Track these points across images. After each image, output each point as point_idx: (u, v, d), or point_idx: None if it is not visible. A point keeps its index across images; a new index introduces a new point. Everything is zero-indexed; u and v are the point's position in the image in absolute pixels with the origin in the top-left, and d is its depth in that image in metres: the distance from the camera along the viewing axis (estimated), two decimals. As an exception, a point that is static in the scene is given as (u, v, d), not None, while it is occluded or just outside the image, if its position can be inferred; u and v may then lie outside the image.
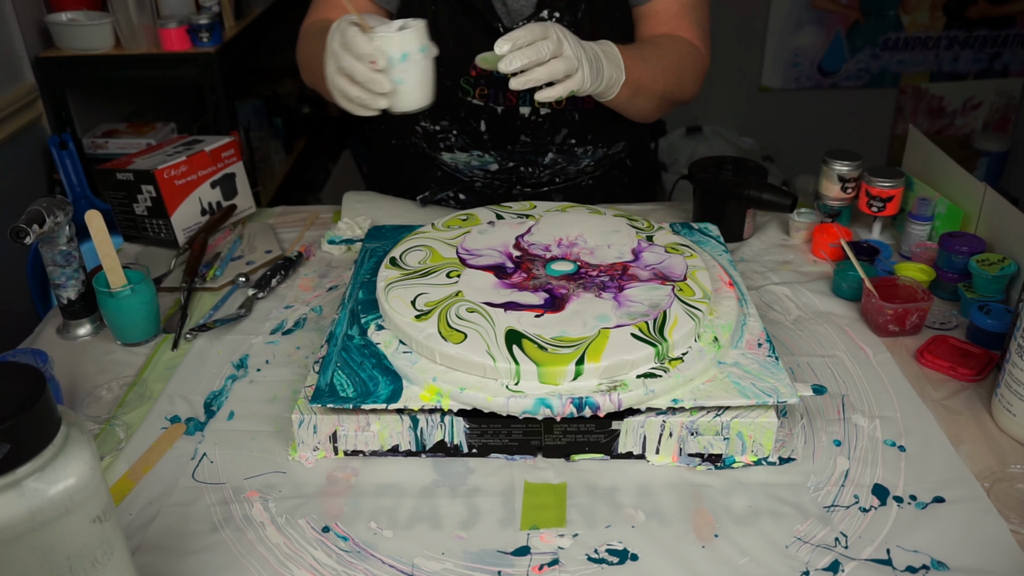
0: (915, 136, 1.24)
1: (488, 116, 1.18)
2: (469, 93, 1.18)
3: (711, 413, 0.79)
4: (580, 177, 1.29)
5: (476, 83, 1.17)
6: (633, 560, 0.70)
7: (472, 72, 1.16)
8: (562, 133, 1.20)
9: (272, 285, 1.11)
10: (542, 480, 0.79)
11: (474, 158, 1.23)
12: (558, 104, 1.15)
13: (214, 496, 0.78)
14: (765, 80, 3.08)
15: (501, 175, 1.25)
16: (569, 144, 1.21)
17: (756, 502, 0.76)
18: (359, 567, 0.70)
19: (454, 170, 1.27)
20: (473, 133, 1.19)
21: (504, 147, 1.21)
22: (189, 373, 0.95)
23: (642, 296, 0.87)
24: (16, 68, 1.95)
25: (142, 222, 1.23)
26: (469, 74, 1.17)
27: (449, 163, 1.25)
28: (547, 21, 1.00)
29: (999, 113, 3.14)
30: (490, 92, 1.17)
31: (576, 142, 1.21)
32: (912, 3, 2.96)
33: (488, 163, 1.23)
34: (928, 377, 0.92)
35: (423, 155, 1.28)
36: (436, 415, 0.79)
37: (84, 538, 0.52)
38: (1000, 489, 0.76)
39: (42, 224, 0.93)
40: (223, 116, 2.08)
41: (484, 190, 1.29)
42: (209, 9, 2.07)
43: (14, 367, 0.51)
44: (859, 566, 0.69)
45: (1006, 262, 1.00)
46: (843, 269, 1.07)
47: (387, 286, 0.90)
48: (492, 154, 1.22)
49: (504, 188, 1.28)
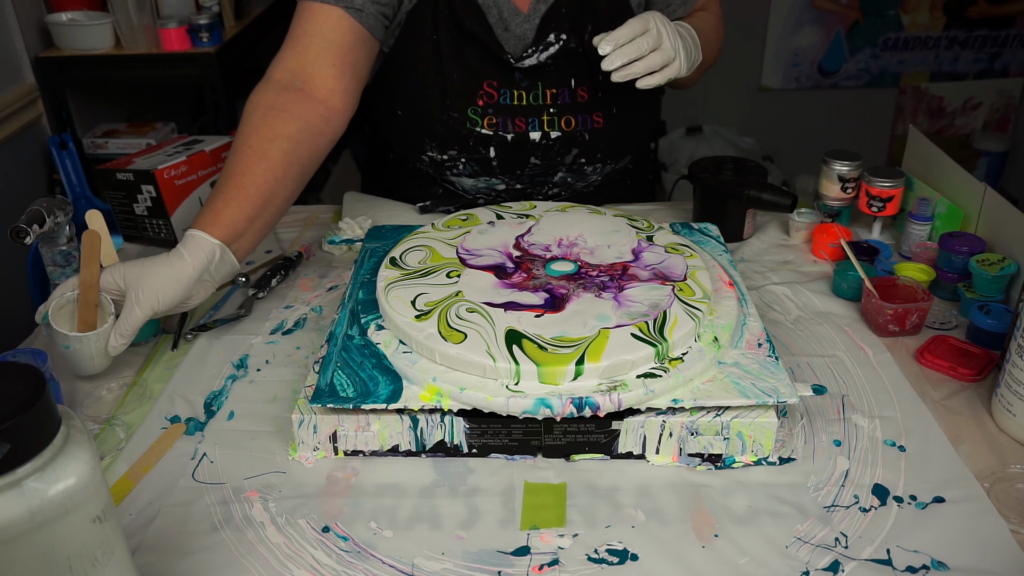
0: (915, 136, 1.24)
1: (497, 144, 1.15)
2: (477, 123, 1.14)
3: (711, 413, 0.79)
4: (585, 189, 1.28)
5: (484, 112, 1.14)
6: (633, 560, 0.70)
7: (479, 102, 1.14)
8: (572, 153, 1.18)
9: (272, 285, 1.11)
10: (542, 480, 0.79)
11: (481, 182, 1.21)
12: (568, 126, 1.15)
13: (214, 496, 0.78)
14: (765, 80, 3.08)
15: (507, 194, 1.24)
16: (579, 163, 1.20)
17: (756, 502, 0.76)
18: (359, 567, 0.70)
19: (460, 189, 1.25)
20: (482, 160, 1.17)
21: (513, 172, 1.18)
22: (189, 373, 0.95)
23: (642, 296, 0.87)
24: (16, 68, 1.95)
25: (142, 222, 1.23)
26: (477, 104, 1.14)
27: (455, 184, 1.23)
28: (648, 13, 1.01)
29: (999, 113, 3.14)
30: (499, 120, 1.14)
31: (586, 161, 1.20)
32: (912, 3, 2.96)
33: (495, 185, 1.22)
34: (928, 377, 0.92)
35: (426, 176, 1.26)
36: (436, 415, 0.79)
37: (84, 538, 0.52)
38: (1000, 489, 0.76)
39: (42, 224, 0.93)
40: (223, 116, 2.08)
41: None
42: (209, 9, 2.07)
43: (14, 367, 0.51)
44: (859, 566, 0.69)
45: (1006, 262, 1.00)
46: (843, 269, 1.07)
47: (387, 286, 0.90)
48: (500, 178, 1.20)
49: None
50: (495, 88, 1.14)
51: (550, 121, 1.15)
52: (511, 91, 1.14)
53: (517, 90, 1.14)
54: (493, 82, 1.13)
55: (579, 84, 1.15)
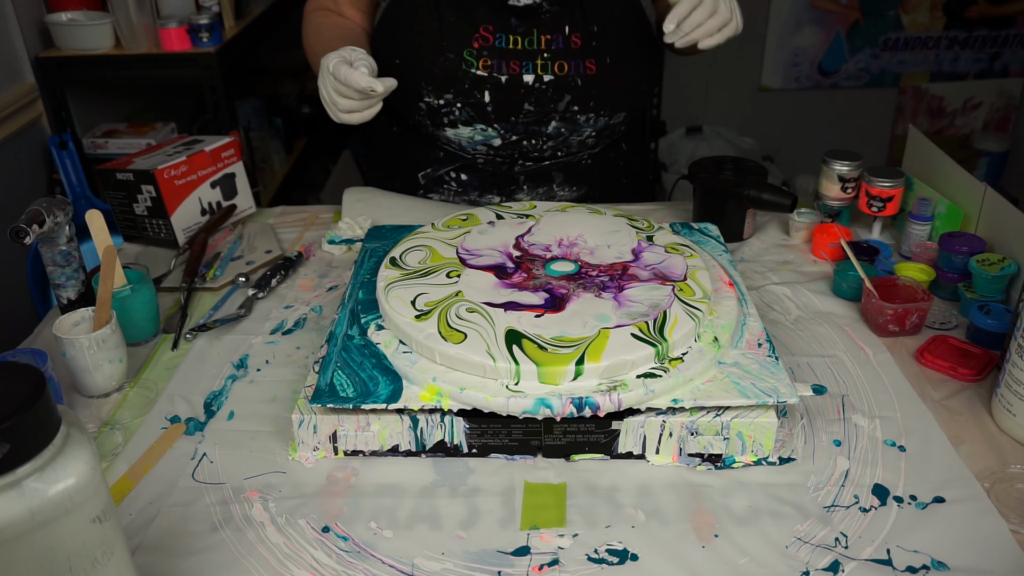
0: (915, 136, 1.24)
1: (492, 86, 1.19)
2: (473, 64, 1.18)
3: (711, 413, 0.79)
4: (581, 151, 1.30)
5: (479, 54, 1.18)
6: (633, 560, 0.70)
7: (475, 44, 1.18)
8: (565, 100, 1.21)
9: (272, 285, 1.11)
10: (542, 480, 0.79)
11: (477, 132, 1.23)
12: (561, 71, 1.19)
13: (214, 496, 0.78)
14: (765, 80, 3.08)
15: (504, 150, 1.26)
16: (572, 111, 1.23)
17: (756, 502, 0.76)
18: (359, 567, 0.70)
19: (457, 148, 1.28)
20: (477, 105, 1.20)
21: (508, 118, 1.22)
22: (189, 373, 0.95)
23: (642, 296, 0.87)
24: (16, 68, 1.95)
25: (142, 222, 1.23)
26: (472, 46, 1.18)
27: (452, 140, 1.26)
28: None
29: (999, 113, 3.14)
30: (493, 63, 1.18)
31: (579, 109, 1.23)
32: (912, 3, 2.96)
33: (491, 137, 1.24)
34: (928, 377, 0.92)
35: (426, 135, 1.29)
36: (436, 415, 0.79)
37: (84, 538, 0.52)
38: (1000, 489, 0.76)
39: (42, 224, 0.93)
40: (223, 116, 2.08)
41: (486, 167, 1.29)
42: (209, 9, 2.07)
43: (14, 367, 0.51)
44: (859, 566, 0.69)
45: (1006, 262, 1.00)
46: (843, 269, 1.07)
47: (387, 286, 0.90)
48: (496, 127, 1.22)
49: (507, 164, 1.28)
50: (491, 32, 1.18)
51: (543, 65, 1.19)
52: (506, 35, 1.18)
53: (512, 35, 1.18)
54: (489, 26, 1.18)
55: (573, 30, 1.19)
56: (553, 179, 1.30)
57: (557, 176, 1.31)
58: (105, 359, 0.89)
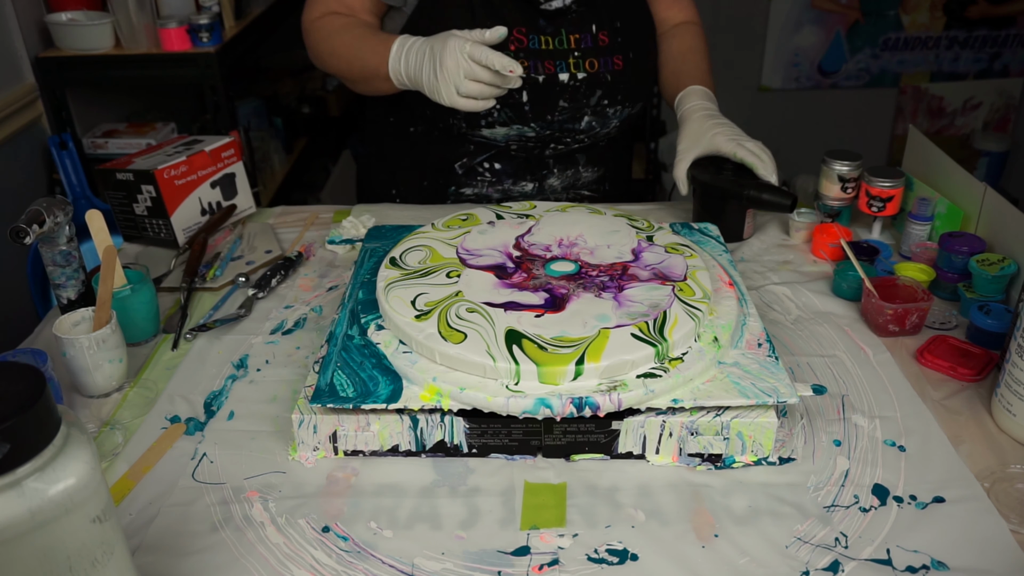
0: (915, 136, 1.24)
1: (530, 87, 1.21)
2: None
3: (711, 413, 0.79)
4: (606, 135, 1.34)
5: (516, 57, 1.19)
6: (633, 560, 0.70)
7: (511, 47, 1.19)
8: (596, 95, 1.25)
9: (272, 285, 1.11)
10: (542, 480, 0.79)
11: (513, 130, 1.26)
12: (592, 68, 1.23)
13: (214, 496, 0.78)
14: (765, 80, 3.08)
15: (537, 140, 1.29)
16: (602, 105, 1.26)
17: (756, 502, 0.76)
18: (359, 567, 0.70)
19: (491, 140, 1.29)
20: (516, 105, 1.22)
21: (544, 117, 1.24)
22: (189, 373, 0.95)
23: (642, 296, 0.87)
24: (16, 68, 1.95)
25: (142, 222, 1.23)
26: (509, 49, 1.19)
27: (488, 137, 1.28)
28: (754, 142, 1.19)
29: (999, 113, 3.14)
30: (530, 64, 1.20)
31: (608, 103, 1.26)
32: (912, 3, 2.96)
33: (526, 132, 1.26)
34: (928, 377, 0.92)
35: (457, 134, 1.30)
36: (436, 415, 0.79)
37: (84, 538, 0.52)
38: (1000, 489, 0.76)
39: (42, 224, 0.93)
40: (223, 116, 2.08)
41: (520, 153, 1.31)
42: (209, 9, 2.07)
43: (14, 367, 0.51)
44: (859, 566, 0.69)
45: (1006, 262, 1.00)
46: (843, 269, 1.07)
47: (387, 286, 0.90)
48: (532, 126, 1.25)
49: (539, 148, 1.30)
50: (523, 35, 1.21)
51: (576, 63, 1.22)
52: (538, 36, 1.21)
53: (543, 36, 1.21)
54: (522, 28, 1.21)
55: (600, 29, 1.23)
56: (578, 161, 1.35)
57: (581, 158, 1.35)
58: (105, 359, 0.89)
